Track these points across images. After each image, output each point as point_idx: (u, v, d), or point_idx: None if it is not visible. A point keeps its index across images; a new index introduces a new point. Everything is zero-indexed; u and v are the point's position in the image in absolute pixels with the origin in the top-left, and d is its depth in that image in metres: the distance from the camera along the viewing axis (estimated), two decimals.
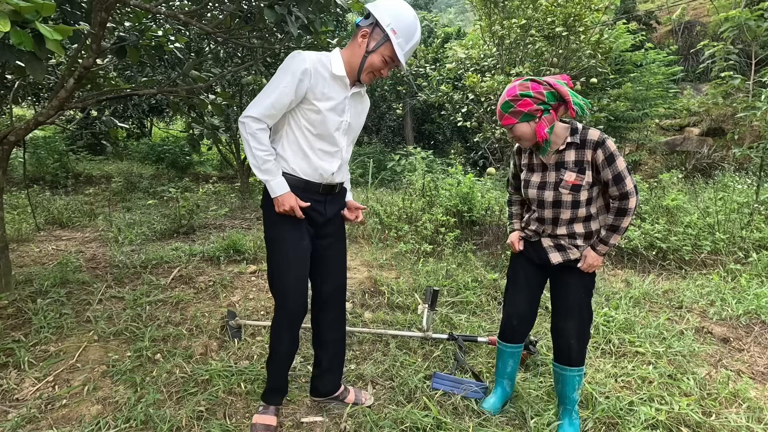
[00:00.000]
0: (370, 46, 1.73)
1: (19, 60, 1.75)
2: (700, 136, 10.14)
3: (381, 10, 1.71)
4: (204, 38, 5.22)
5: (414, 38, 1.76)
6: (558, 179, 1.84)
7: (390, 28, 1.69)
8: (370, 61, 1.74)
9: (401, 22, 1.71)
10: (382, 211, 5.02)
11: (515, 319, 2.06)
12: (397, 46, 1.71)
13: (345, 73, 1.77)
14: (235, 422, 2.00)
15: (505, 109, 1.79)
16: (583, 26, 6.74)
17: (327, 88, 1.76)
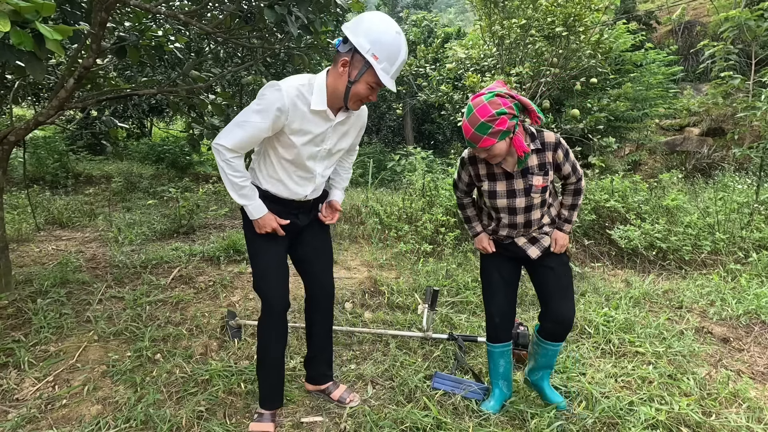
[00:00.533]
0: (353, 76, 1.61)
1: (19, 60, 1.75)
2: (700, 136, 10.14)
3: (358, 35, 1.56)
4: (204, 38, 5.22)
5: (399, 58, 1.62)
6: (527, 185, 1.88)
7: (370, 54, 1.56)
8: (355, 91, 1.64)
9: (382, 44, 1.56)
10: (382, 211, 5.02)
11: (497, 317, 2.10)
12: (380, 72, 1.58)
13: (326, 106, 1.68)
14: (235, 422, 2.00)
15: (483, 131, 1.70)
16: (583, 26, 6.73)
17: (305, 123, 1.68)
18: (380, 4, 12.72)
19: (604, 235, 4.62)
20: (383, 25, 1.58)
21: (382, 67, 1.58)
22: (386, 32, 1.57)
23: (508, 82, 6.38)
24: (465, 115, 1.76)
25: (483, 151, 1.77)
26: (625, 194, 4.91)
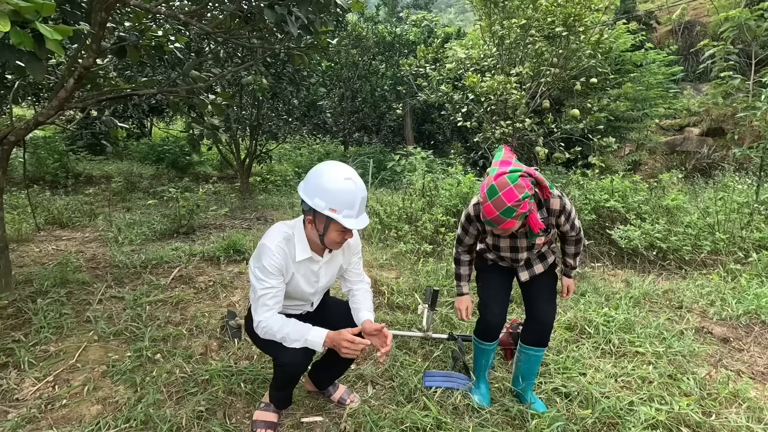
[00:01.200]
0: (321, 230, 1.71)
1: (19, 60, 1.75)
2: (700, 136, 10.14)
3: (312, 196, 1.65)
4: (204, 38, 5.22)
5: (357, 201, 1.66)
6: (530, 244, 2.00)
7: (327, 209, 1.63)
8: (328, 240, 1.73)
9: (335, 197, 1.62)
10: (382, 211, 5.02)
11: (493, 320, 2.13)
12: (344, 220, 1.63)
13: (310, 254, 1.79)
14: (235, 422, 2.00)
15: (508, 215, 1.70)
16: (583, 26, 6.73)
17: (296, 269, 1.80)
18: (380, 5, 12.71)
19: (604, 235, 4.62)
20: (330, 178, 1.65)
21: (344, 215, 1.65)
22: (335, 184, 1.63)
23: (508, 82, 6.39)
24: (488, 196, 1.72)
25: (500, 230, 1.81)
26: (625, 194, 4.91)
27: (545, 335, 2.08)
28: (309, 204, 1.66)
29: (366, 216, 1.75)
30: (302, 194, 1.70)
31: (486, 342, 2.18)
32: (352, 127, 11.34)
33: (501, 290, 2.17)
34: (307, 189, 1.68)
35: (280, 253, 1.73)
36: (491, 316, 2.12)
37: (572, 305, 3.27)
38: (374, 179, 7.51)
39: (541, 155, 6.34)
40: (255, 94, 6.73)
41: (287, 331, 1.73)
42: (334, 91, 10.58)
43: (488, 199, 1.72)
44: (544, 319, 2.07)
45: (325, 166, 1.70)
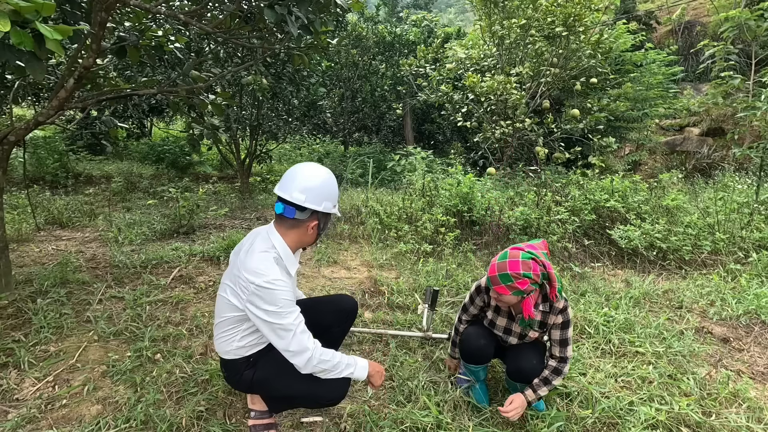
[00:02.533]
0: (322, 227, 1.79)
1: (19, 60, 1.75)
2: (700, 136, 10.14)
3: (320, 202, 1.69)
4: (204, 38, 5.22)
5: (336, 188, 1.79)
6: (523, 333, 2.03)
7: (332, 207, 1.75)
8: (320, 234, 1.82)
9: (334, 193, 1.75)
10: (382, 211, 5.02)
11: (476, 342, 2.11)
12: (336, 210, 1.79)
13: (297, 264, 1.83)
14: (235, 422, 2.00)
15: (504, 280, 1.81)
16: (583, 26, 6.73)
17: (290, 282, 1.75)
18: (380, 4, 12.70)
19: (604, 235, 4.62)
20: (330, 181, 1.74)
21: (335, 206, 1.79)
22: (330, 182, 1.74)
23: (508, 82, 6.39)
24: (498, 258, 1.87)
25: (494, 293, 1.89)
26: (625, 194, 4.92)
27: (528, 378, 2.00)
28: (321, 210, 1.70)
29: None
30: (309, 204, 1.67)
31: (473, 365, 2.17)
32: (352, 127, 11.34)
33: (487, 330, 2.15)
34: (312, 198, 1.67)
35: (285, 278, 1.66)
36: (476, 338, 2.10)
37: (572, 305, 3.27)
38: (374, 179, 7.51)
39: (541, 155, 6.34)
40: (255, 94, 6.73)
41: (340, 357, 1.71)
42: (334, 91, 10.57)
43: (497, 260, 1.87)
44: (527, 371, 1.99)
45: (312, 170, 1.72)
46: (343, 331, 2.19)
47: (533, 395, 1.95)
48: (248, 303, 1.62)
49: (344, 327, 2.18)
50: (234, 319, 1.73)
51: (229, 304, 1.71)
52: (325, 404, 1.85)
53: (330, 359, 1.67)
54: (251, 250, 1.69)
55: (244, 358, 1.79)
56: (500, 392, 2.29)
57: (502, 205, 4.86)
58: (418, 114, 11.28)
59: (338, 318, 2.13)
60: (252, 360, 1.79)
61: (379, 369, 1.85)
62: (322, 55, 3.66)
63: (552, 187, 5.28)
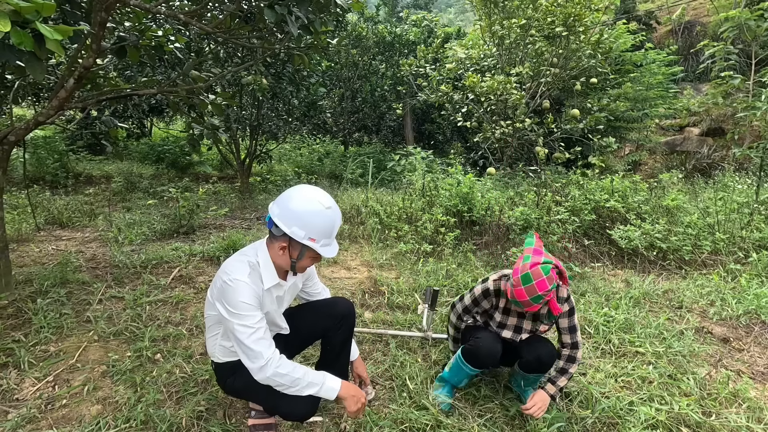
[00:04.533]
0: (294, 256, 1.65)
1: (19, 60, 1.75)
2: (700, 136, 10.14)
3: (290, 225, 1.57)
4: (204, 38, 5.22)
5: (335, 229, 1.63)
6: (534, 329, 2.07)
7: (306, 239, 1.58)
8: (300, 266, 1.69)
9: (315, 227, 1.58)
10: (382, 211, 5.02)
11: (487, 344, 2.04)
12: (322, 249, 1.61)
13: (277, 279, 1.72)
14: (235, 422, 2.00)
15: (537, 301, 1.82)
16: (583, 26, 6.73)
17: (265, 299, 1.70)
18: (380, 4, 12.70)
19: (604, 235, 4.62)
20: (311, 206, 1.58)
21: (321, 243, 1.61)
22: (316, 213, 1.57)
23: (508, 82, 6.39)
24: (522, 282, 1.82)
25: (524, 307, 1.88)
26: (625, 194, 4.92)
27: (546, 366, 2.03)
28: (286, 231, 1.58)
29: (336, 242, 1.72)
30: (278, 220, 1.60)
31: (471, 366, 2.08)
32: (352, 127, 11.34)
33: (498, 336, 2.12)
34: (284, 216, 1.59)
35: (252, 281, 1.62)
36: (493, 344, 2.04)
37: None
38: (374, 179, 7.51)
39: (541, 155, 6.34)
40: (255, 94, 6.73)
41: (304, 371, 1.62)
42: (334, 91, 10.57)
43: (521, 284, 1.82)
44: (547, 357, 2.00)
45: (305, 193, 1.62)
46: (343, 340, 1.99)
47: (553, 388, 1.97)
48: (216, 300, 1.64)
49: (344, 335, 1.98)
50: (213, 318, 1.74)
51: (210, 302, 1.72)
52: (290, 419, 1.79)
53: (288, 373, 1.59)
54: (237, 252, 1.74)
55: (228, 363, 1.78)
56: (501, 391, 2.29)
57: (502, 205, 4.86)
58: (418, 114, 11.28)
59: (332, 323, 1.96)
60: (233, 367, 1.77)
61: (356, 394, 1.70)
62: (322, 55, 3.66)
63: (552, 187, 5.28)
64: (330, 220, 1.61)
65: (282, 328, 1.91)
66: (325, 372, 1.71)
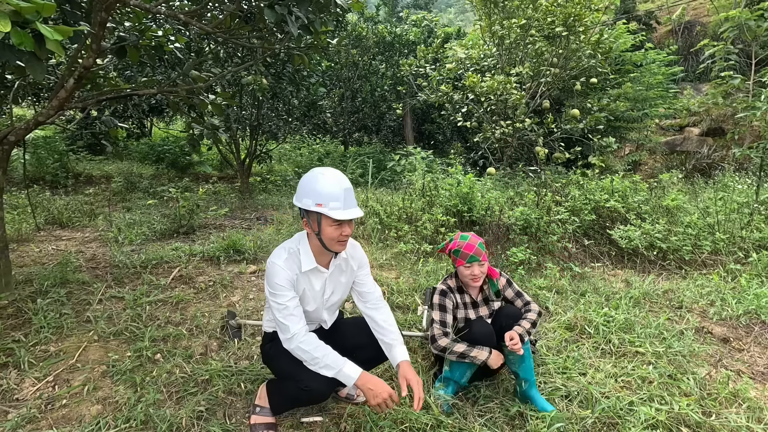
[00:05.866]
0: (315, 229, 1.80)
1: (19, 60, 1.75)
2: (700, 136, 10.15)
3: (300, 200, 1.78)
4: (204, 38, 5.22)
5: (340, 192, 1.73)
6: (491, 311, 2.31)
7: (314, 205, 1.73)
8: (326, 236, 1.79)
9: (317, 192, 1.73)
10: (382, 211, 5.02)
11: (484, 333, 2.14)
12: (331, 212, 1.72)
13: (315, 263, 1.86)
14: (235, 422, 2.00)
15: (482, 247, 2.19)
16: (583, 26, 6.74)
17: (303, 284, 1.87)
18: (380, 5, 12.70)
19: (604, 235, 4.62)
20: (310, 176, 1.79)
21: (331, 206, 1.73)
22: (315, 181, 1.75)
23: (508, 82, 6.39)
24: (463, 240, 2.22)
25: (479, 266, 2.18)
26: (625, 194, 4.92)
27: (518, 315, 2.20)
28: (299, 206, 1.79)
29: (358, 209, 1.80)
30: (295, 201, 1.82)
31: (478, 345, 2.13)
32: (352, 127, 11.34)
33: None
34: (297, 195, 1.81)
35: (287, 265, 1.81)
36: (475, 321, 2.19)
37: (572, 305, 3.27)
38: (374, 179, 7.51)
39: (541, 155, 6.35)
40: (255, 94, 6.73)
41: (324, 353, 1.74)
42: (334, 91, 10.57)
43: (465, 241, 2.21)
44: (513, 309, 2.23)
45: (308, 172, 1.81)
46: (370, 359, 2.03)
47: (520, 329, 2.10)
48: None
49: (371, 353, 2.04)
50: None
51: None
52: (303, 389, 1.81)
53: (310, 351, 1.73)
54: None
55: (270, 333, 2.00)
56: (501, 392, 2.29)
57: (502, 205, 4.86)
58: (418, 114, 11.28)
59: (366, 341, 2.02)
60: (272, 337, 1.97)
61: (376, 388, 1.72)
62: (322, 55, 3.65)
63: (552, 187, 5.28)
64: (329, 183, 1.74)
65: (323, 321, 2.04)
66: (346, 359, 1.78)
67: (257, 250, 4.15)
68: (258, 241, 4.34)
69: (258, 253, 4.13)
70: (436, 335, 2.18)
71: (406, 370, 1.88)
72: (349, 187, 1.78)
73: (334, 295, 2.00)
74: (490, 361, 2.07)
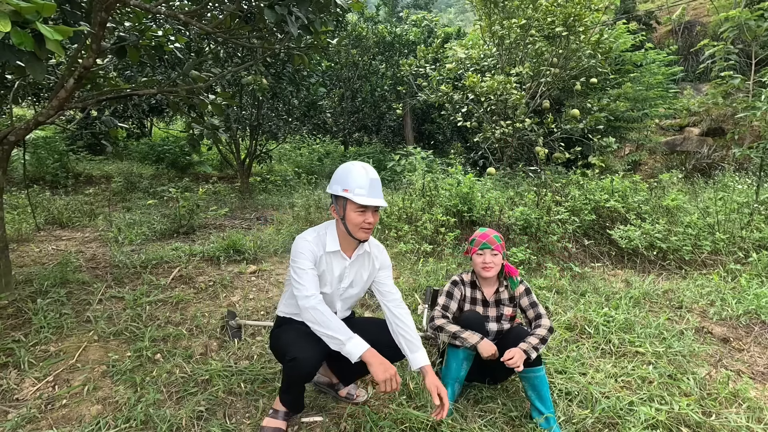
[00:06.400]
0: (341, 213, 1.92)
1: (19, 60, 1.75)
2: (700, 136, 10.15)
3: (331, 186, 1.93)
4: (204, 38, 5.22)
5: (366, 179, 1.87)
6: (499, 314, 2.26)
7: (341, 190, 1.87)
8: (350, 221, 1.89)
9: (345, 178, 1.87)
10: (382, 211, 5.02)
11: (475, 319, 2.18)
12: (356, 197, 1.84)
13: (339, 247, 1.96)
14: (235, 422, 2.00)
15: (498, 239, 2.22)
16: (583, 26, 6.74)
17: (325, 264, 1.96)
18: (380, 5, 12.70)
19: (604, 235, 4.62)
20: (341, 168, 1.93)
21: (356, 192, 1.86)
22: (347, 170, 1.90)
23: (508, 82, 6.39)
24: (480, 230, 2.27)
25: (490, 253, 2.19)
26: (625, 194, 4.92)
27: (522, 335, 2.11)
28: (330, 192, 1.92)
29: (382, 199, 1.93)
30: (327, 190, 1.95)
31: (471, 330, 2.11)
32: (352, 127, 11.34)
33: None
34: (330, 185, 1.95)
35: (314, 242, 1.93)
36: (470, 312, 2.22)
37: (572, 305, 3.27)
38: None
39: (541, 155, 6.34)
40: (255, 94, 6.73)
41: (337, 321, 1.80)
42: (334, 91, 10.57)
43: (481, 231, 2.28)
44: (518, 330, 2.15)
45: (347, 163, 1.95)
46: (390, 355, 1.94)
47: (525, 344, 2.02)
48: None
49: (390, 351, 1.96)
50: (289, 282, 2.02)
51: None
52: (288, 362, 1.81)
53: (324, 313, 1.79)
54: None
55: (283, 317, 2.06)
56: (501, 392, 2.29)
57: (502, 205, 4.87)
58: (418, 114, 11.28)
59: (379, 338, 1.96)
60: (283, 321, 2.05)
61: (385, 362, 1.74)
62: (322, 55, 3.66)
63: (552, 187, 5.28)
64: (357, 172, 1.87)
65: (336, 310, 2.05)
66: (355, 334, 1.79)
67: (257, 250, 4.15)
68: (258, 241, 4.34)
69: (258, 253, 4.13)
70: (435, 315, 2.22)
71: (434, 378, 1.85)
72: (375, 178, 1.92)
73: (352, 287, 2.04)
74: (480, 347, 2.02)
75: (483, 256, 2.20)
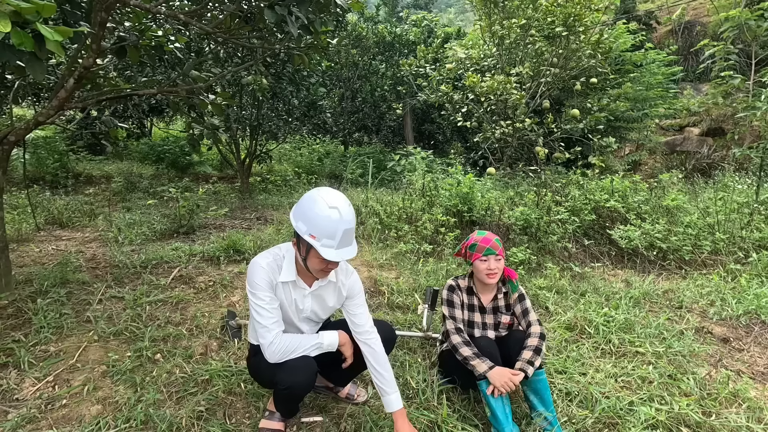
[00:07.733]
0: (302, 253, 1.72)
1: (19, 60, 1.75)
2: (700, 136, 10.15)
3: (297, 219, 1.67)
4: (204, 38, 5.21)
5: (338, 230, 1.62)
6: (496, 321, 2.24)
7: (307, 234, 1.62)
8: (311, 266, 1.72)
9: (316, 224, 1.62)
10: (382, 211, 5.02)
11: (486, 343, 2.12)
12: (321, 249, 1.61)
13: (294, 277, 1.80)
14: (235, 422, 2.00)
15: (498, 243, 2.18)
16: (583, 26, 6.74)
17: (282, 292, 1.81)
18: (380, 4, 12.69)
19: (604, 235, 4.62)
20: (316, 204, 1.64)
21: (322, 243, 1.62)
22: (318, 211, 1.63)
23: (508, 82, 6.39)
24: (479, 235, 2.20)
25: (495, 259, 2.13)
26: (625, 194, 4.91)
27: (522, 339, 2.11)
28: (294, 226, 1.69)
29: (353, 248, 1.70)
30: (291, 217, 1.72)
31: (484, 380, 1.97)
32: (352, 127, 11.33)
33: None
34: (295, 211, 1.70)
35: (268, 268, 1.76)
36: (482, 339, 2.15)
37: (572, 305, 3.27)
38: (374, 179, 7.51)
39: (541, 155, 6.34)
40: (255, 94, 6.73)
41: (300, 341, 1.77)
42: (334, 91, 10.57)
43: (481, 235, 2.20)
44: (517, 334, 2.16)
45: (316, 192, 1.69)
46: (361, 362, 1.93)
47: (520, 363, 1.99)
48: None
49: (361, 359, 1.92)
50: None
51: None
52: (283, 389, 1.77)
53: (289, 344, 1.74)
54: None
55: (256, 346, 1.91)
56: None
57: (502, 205, 4.87)
58: (418, 114, 11.28)
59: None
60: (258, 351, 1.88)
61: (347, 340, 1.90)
62: (322, 55, 3.65)
63: (552, 187, 5.28)
64: (332, 220, 1.62)
65: (299, 331, 1.93)
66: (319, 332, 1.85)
67: (257, 250, 4.15)
68: (258, 241, 4.34)
69: (258, 253, 4.13)
70: (449, 330, 2.13)
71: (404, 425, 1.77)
72: (350, 228, 1.67)
73: (317, 313, 1.92)
74: (491, 377, 1.92)
75: (487, 263, 2.12)
